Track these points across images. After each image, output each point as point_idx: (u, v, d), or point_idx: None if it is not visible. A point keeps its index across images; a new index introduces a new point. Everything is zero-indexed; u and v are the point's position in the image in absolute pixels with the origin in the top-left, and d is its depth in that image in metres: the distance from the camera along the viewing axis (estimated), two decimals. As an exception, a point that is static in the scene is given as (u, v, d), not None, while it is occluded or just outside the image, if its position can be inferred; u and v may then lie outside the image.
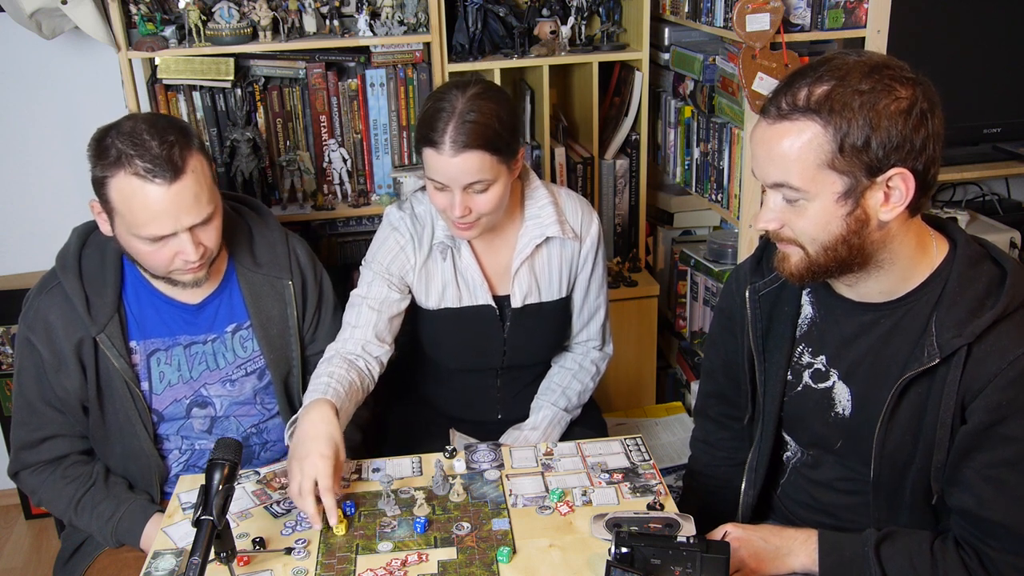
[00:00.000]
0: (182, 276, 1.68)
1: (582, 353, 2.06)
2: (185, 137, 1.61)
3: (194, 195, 1.59)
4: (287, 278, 1.84)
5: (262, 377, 1.85)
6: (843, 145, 1.24)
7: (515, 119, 1.76)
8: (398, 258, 1.88)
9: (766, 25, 2.08)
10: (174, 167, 1.56)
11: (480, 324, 1.92)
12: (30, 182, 2.67)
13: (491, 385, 2.02)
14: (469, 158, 1.67)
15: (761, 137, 1.32)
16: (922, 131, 1.25)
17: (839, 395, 1.48)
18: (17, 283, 2.63)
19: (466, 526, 1.49)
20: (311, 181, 2.46)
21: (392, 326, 1.87)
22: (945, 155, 2.83)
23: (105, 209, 1.62)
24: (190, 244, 1.61)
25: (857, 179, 1.26)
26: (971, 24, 2.51)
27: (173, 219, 1.58)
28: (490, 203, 1.73)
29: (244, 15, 2.28)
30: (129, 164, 1.55)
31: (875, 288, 1.39)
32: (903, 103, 1.24)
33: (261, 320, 1.82)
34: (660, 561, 1.30)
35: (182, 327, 1.78)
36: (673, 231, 2.88)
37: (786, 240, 1.36)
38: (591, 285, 1.98)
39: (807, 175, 1.27)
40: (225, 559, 1.34)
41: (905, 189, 1.27)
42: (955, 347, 1.30)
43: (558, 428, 1.98)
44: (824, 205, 1.29)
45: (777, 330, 1.54)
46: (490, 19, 2.45)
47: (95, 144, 1.60)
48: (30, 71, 2.57)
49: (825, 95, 1.25)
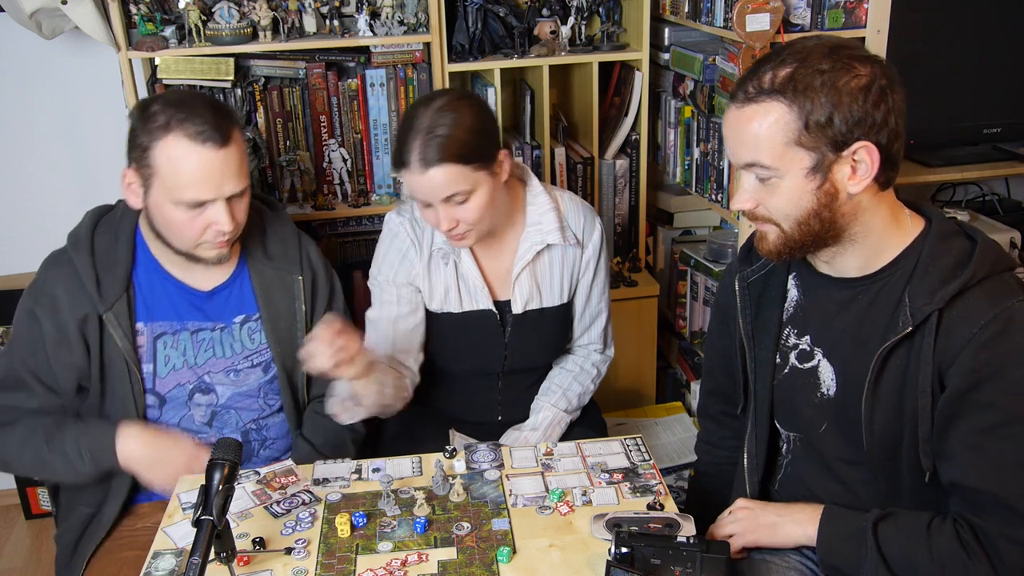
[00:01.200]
0: (207, 251, 1.70)
1: (583, 355, 2.06)
2: (231, 114, 1.70)
3: (237, 164, 1.65)
4: (297, 273, 1.86)
5: (267, 371, 1.86)
6: (808, 122, 1.30)
7: (486, 124, 1.74)
8: (403, 266, 1.89)
9: (766, 25, 2.08)
10: (223, 134, 1.61)
11: (481, 329, 1.92)
12: (30, 182, 2.67)
13: (492, 388, 2.02)
14: (439, 172, 1.67)
15: (731, 121, 1.38)
16: (882, 106, 1.31)
17: (824, 374, 1.50)
18: (17, 283, 2.63)
19: (466, 526, 1.49)
20: (311, 181, 2.46)
21: (414, 338, 1.91)
22: (945, 155, 2.85)
23: (143, 176, 1.64)
24: (225, 214, 1.64)
25: (824, 154, 1.32)
26: (971, 24, 2.51)
27: (217, 185, 1.62)
28: (475, 212, 1.73)
29: (244, 15, 2.28)
30: (181, 126, 1.59)
31: (851, 263, 1.44)
32: (863, 80, 1.30)
33: (270, 313, 1.83)
34: (660, 561, 1.30)
35: (191, 313, 1.79)
36: (673, 231, 2.88)
37: (762, 219, 1.41)
38: (593, 290, 1.97)
39: (776, 153, 1.33)
40: (225, 559, 1.34)
41: (871, 162, 1.33)
42: (926, 313, 1.33)
43: (558, 429, 1.98)
44: (795, 181, 1.34)
45: (765, 315, 1.58)
46: (490, 19, 2.45)
47: (140, 112, 1.65)
48: (30, 71, 2.57)
49: (788, 76, 1.31)
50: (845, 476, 1.53)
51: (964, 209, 2.77)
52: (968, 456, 1.33)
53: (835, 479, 1.54)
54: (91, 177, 2.67)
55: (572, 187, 2.61)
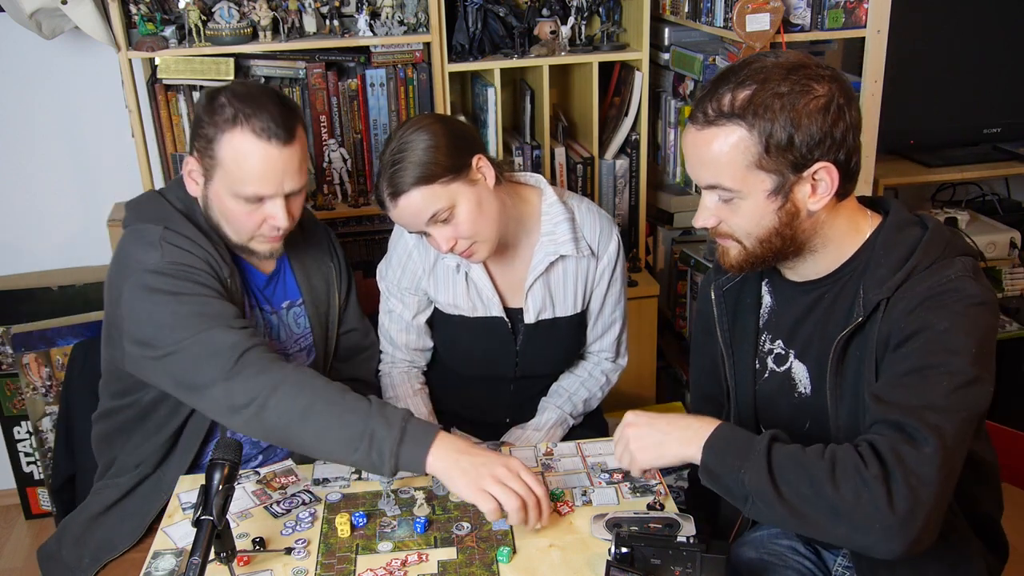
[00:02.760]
0: (262, 245, 1.71)
1: (594, 362, 2.06)
2: (296, 110, 1.68)
3: (299, 162, 1.65)
4: (330, 260, 1.90)
5: (310, 355, 1.89)
6: (768, 146, 1.31)
7: (447, 139, 1.71)
8: (408, 267, 1.90)
9: (766, 25, 2.08)
10: (288, 131, 1.61)
11: (492, 336, 1.92)
12: (30, 182, 2.67)
13: (504, 391, 2.02)
14: (409, 200, 1.69)
15: (692, 142, 1.38)
16: (841, 124, 1.31)
17: (798, 375, 1.51)
18: (17, 283, 2.63)
19: (466, 526, 1.49)
20: (311, 181, 2.46)
21: (424, 331, 1.99)
22: (945, 155, 2.85)
23: (206, 166, 1.64)
24: (283, 210, 1.65)
25: (785, 176, 1.33)
26: (971, 24, 2.51)
27: (278, 181, 1.62)
28: (465, 223, 1.72)
29: (244, 15, 2.28)
30: (247, 122, 1.59)
31: (812, 269, 1.46)
32: (821, 100, 1.30)
33: (313, 298, 1.87)
34: (660, 561, 1.30)
35: (258, 295, 1.81)
36: (673, 231, 2.88)
37: (724, 235, 1.43)
38: (607, 300, 1.96)
39: (738, 176, 1.34)
40: (225, 559, 1.34)
41: (830, 180, 1.34)
42: (875, 302, 1.35)
43: (559, 431, 1.98)
44: (756, 202, 1.35)
45: (742, 322, 1.59)
46: (490, 19, 2.45)
47: (207, 102, 1.63)
48: (30, 71, 2.57)
49: (748, 99, 1.31)
50: None
51: (964, 209, 2.77)
52: (886, 391, 1.28)
53: None
54: (91, 177, 2.67)
55: (572, 187, 2.61)
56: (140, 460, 1.76)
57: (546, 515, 1.44)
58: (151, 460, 1.75)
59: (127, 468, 1.77)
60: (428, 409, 1.97)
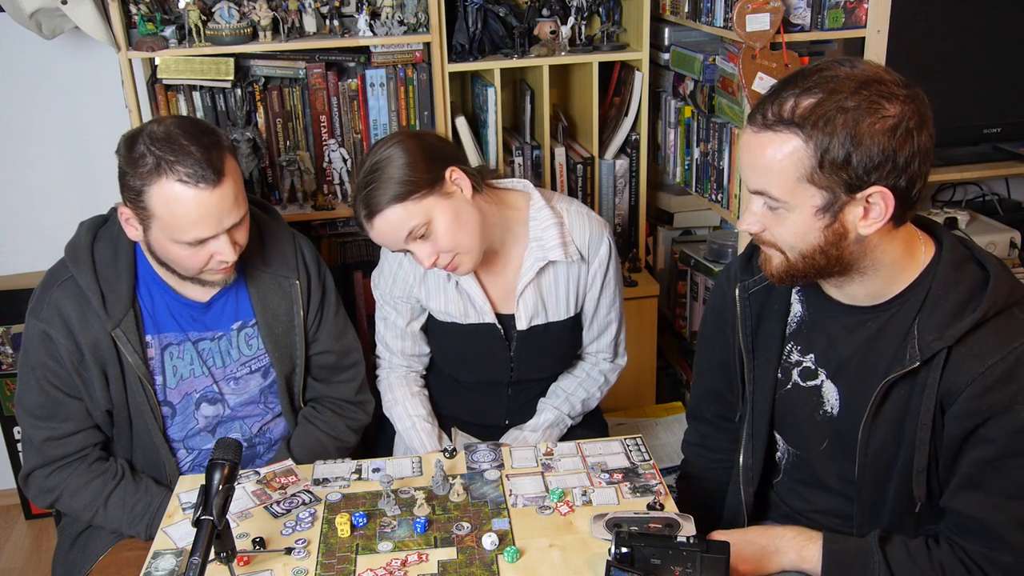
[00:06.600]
0: (213, 276, 1.69)
1: (592, 363, 2.06)
2: (219, 139, 1.62)
3: (234, 196, 1.61)
4: (294, 277, 1.84)
5: (266, 375, 1.86)
6: (823, 161, 1.25)
7: (419, 152, 1.71)
8: (399, 276, 1.90)
9: (766, 25, 2.08)
10: (216, 171, 1.56)
11: (486, 342, 1.91)
12: (30, 182, 2.67)
13: (501, 395, 2.02)
14: (383, 219, 1.70)
15: (747, 144, 1.34)
16: (906, 149, 1.25)
17: (827, 394, 1.49)
18: (17, 283, 2.63)
19: (466, 526, 1.49)
20: (311, 181, 2.46)
21: (419, 338, 2.00)
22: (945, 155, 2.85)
23: (139, 215, 1.61)
24: (228, 245, 1.63)
25: (836, 194, 1.28)
26: (971, 24, 2.51)
27: (216, 222, 1.59)
28: (444, 237, 1.71)
29: (244, 15, 2.28)
30: (171, 170, 1.54)
31: (861, 291, 1.41)
32: (888, 121, 1.24)
33: (267, 319, 1.82)
34: (660, 561, 1.30)
35: (191, 324, 1.79)
36: (673, 231, 2.88)
37: (767, 243, 1.39)
38: (600, 303, 1.95)
39: (787, 187, 1.29)
40: (225, 559, 1.35)
41: (885, 206, 1.28)
42: (935, 350, 1.31)
43: (556, 431, 1.98)
44: (803, 216, 1.31)
45: (767, 328, 1.55)
46: (490, 19, 2.45)
47: (126, 152, 1.58)
48: (30, 71, 2.57)
49: (810, 109, 1.25)
50: (837, 492, 1.53)
51: (964, 209, 2.77)
52: (964, 485, 1.34)
53: (827, 495, 1.55)
54: (91, 178, 2.67)
55: (572, 187, 2.61)
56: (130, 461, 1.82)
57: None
58: (138, 464, 1.82)
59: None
60: (427, 411, 1.96)
